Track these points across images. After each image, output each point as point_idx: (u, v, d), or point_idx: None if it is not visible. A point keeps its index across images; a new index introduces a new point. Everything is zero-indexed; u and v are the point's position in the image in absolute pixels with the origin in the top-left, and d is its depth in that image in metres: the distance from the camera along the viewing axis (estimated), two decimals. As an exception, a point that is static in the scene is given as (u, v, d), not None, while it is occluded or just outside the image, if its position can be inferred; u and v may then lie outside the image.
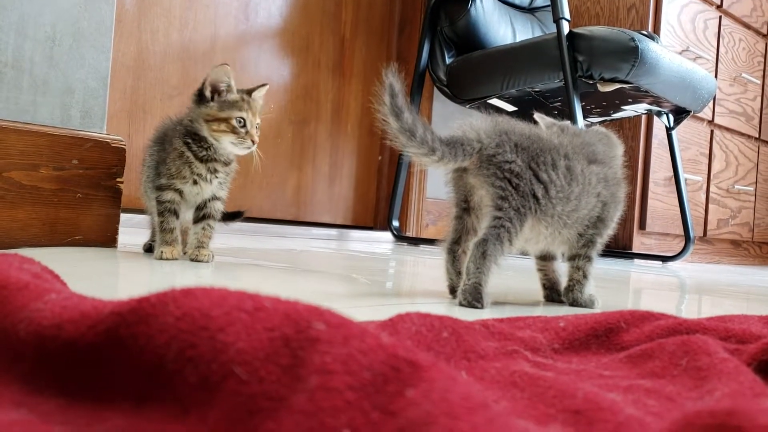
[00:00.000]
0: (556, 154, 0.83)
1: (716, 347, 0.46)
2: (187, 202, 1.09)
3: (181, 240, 1.09)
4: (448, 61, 2.24)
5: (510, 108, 2.24)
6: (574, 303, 0.88)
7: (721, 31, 2.86)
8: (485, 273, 0.77)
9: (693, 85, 2.06)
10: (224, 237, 1.57)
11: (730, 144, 2.99)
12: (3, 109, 1.07)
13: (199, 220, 1.09)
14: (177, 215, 1.08)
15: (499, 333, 0.52)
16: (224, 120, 1.05)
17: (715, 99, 2.82)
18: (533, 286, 1.00)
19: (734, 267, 2.88)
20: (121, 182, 1.16)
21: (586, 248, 0.88)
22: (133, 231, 1.36)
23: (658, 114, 2.28)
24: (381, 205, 2.57)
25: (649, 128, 2.57)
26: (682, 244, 2.43)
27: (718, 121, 2.89)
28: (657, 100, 2.09)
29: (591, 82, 1.89)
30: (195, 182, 1.07)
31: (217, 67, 1.06)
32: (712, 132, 2.88)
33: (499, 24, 2.30)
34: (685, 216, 2.36)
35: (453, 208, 0.86)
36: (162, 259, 1.04)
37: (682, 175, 2.37)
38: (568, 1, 1.92)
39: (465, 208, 0.85)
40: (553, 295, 0.92)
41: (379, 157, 2.58)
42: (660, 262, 2.43)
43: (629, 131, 2.57)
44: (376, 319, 0.51)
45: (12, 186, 1.04)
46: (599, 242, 0.89)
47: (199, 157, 1.07)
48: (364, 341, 0.30)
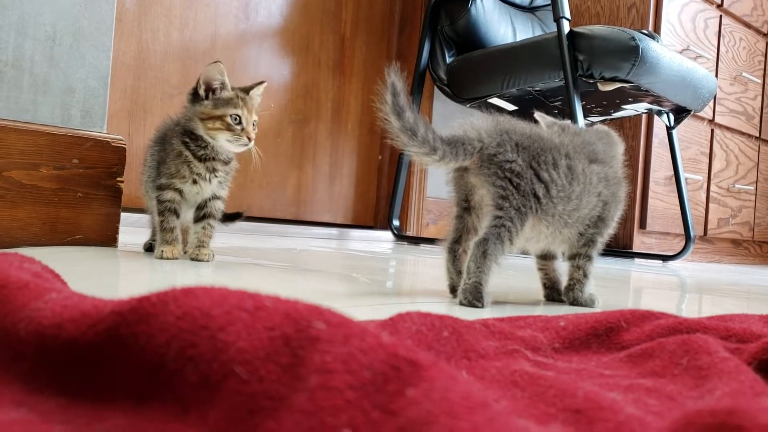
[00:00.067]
0: (557, 153, 0.83)
1: (717, 346, 0.46)
2: (187, 202, 1.09)
3: (181, 239, 1.09)
4: (449, 60, 2.24)
5: (510, 107, 2.24)
6: (575, 302, 0.88)
7: (722, 30, 2.86)
8: (486, 272, 0.77)
9: (693, 85, 2.05)
10: (225, 236, 1.57)
11: (730, 143, 2.99)
12: (3, 108, 1.07)
13: (200, 219, 1.09)
14: (177, 215, 1.08)
15: (499, 332, 0.52)
16: (219, 117, 1.05)
17: (715, 98, 2.82)
18: (534, 285, 0.99)
19: (735, 266, 2.88)
20: (122, 181, 1.16)
21: (586, 247, 0.88)
22: (134, 230, 1.36)
23: (659, 113, 2.27)
24: (381, 205, 2.57)
25: (649, 127, 2.57)
26: (683, 244, 2.43)
27: (718, 120, 2.89)
28: (657, 100, 2.09)
29: (591, 81, 1.89)
30: (195, 181, 1.07)
31: (210, 66, 1.06)
32: (712, 131, 2.88)
33: (500, 23, 2.30)
34: (685, 215, 2.36)
35: (454, 208, 0.86)
36: (162, 258, 1.04)
37: (682, 175, 2.37)
38: (569, 1, 1.92)
39: (466, 207, 0.85)
40: (554, 294, 0.92)
41: (380, 157, 2.58)
42: (660, 262, 2.43)
43: (630, 130, 2.57)
44: (376, 318, 0.51)
45: (12, 185, 1.04)
46: (600, 241, 0.89)
47: (197, 156, 1.07)
48: (364, 340, 0.30)
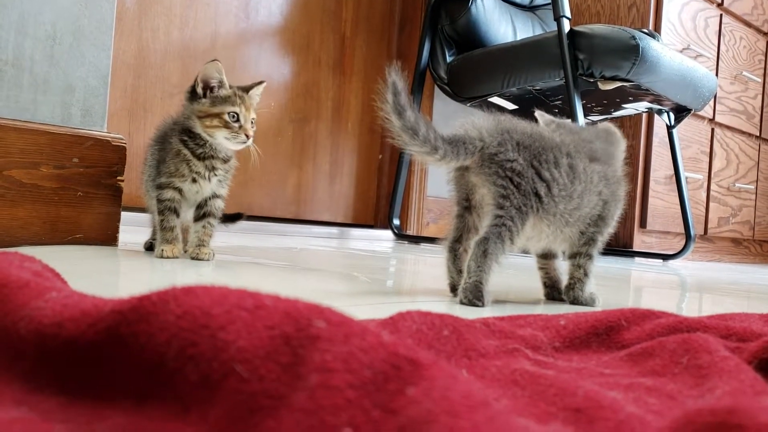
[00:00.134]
0: (558, 152, 0.83)
1: (717, 345, 0.46)
2: (187, 201, 1.09)
3: (181, 238, 1.09)
4: (449, 59, 2.24)
5: (511, 106, 2.23)
6: (575, 301, 0.88)
7: (722, 29, 2.86)
8: (486, 271, 0.77)
9: (694, 84, 2.05)
10: (225, 235, 1.57)
11: (730, 142, 2.99)
12: (3, 107, 1.07)
13: (200, 218, 1.09)
14: (177, 214, 1.08)
15: (499, 331, 0.52)
16: (216, 115, 1.05)
17: (715, 97, 2.82)
18: (534, 284, 0.99)
19: (735, 265, 2.88)
20: (122, 180, 1.16)
21: (587, 246, 0.88)
22: (134, 229, 1.36)
23: (659, 112, 2.27)
24: (381, 204, 2.57)
25: (649, 126, 2.56)
26: (683, 243, 2.43)
27: (718, 119, 2.89)
28: (658, 99, 2.08)
29: (592, 80, 1.89)
30: (194, 180, 1.07)
31: (208, 64, 1.06)
32: (712, 130, 2.88)
33: (500, 22, 2.30)
34: (685, 214, 2.36)
35: (454, 207, 0.86)
36: (163, 257, 1.04)
37: (682, 174, 2.37)
38: (569, 0, 1.92)
39: (466, 206, 0.85)
40: (554, 293, 0.92)
41: (380, 156, 2.58)
42: (661, 261, 2.43)
43: (630, 129, 2.57)
44: (376, 317, 0.51)
45: (12, 184, 1.04)
46: (600, 240, 0.89)
47: (196, 154, 1.07)
48: (364, 339, 0.30)
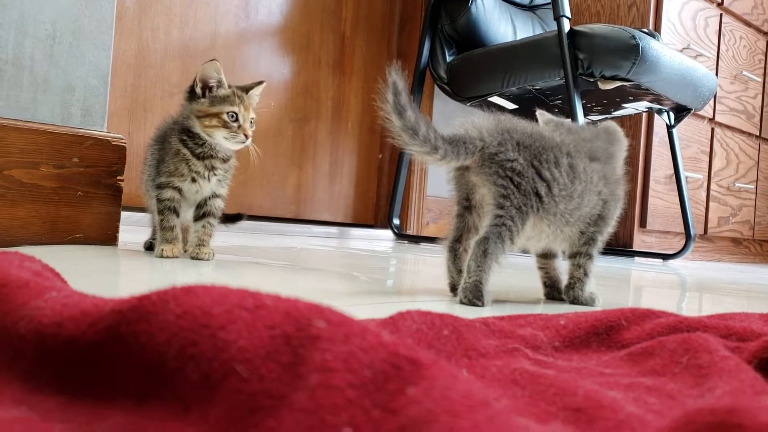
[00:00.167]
0: (559, 151, 0.83)
1: (717, 345, 0.46)
2: (187, 200, 1.09)
3: (181, 238, 1.09)
4: (449, 58, 2.24)
5: (511, 106, 2.23)
6: (575, 301, 0.88)
7: (722, 28, 2.86)
8: (486, 271, 0.77)
9: (694, 83, 2.05)
10: (225, 235, 1.57)
11: (730, 142, 2.99)
12: (3, 107, 1.07)
13: (200, 218, 1.09)
14: (177, 213, 1.08)
15: (499, 331, 0.52)
16: (215, 115, 1.05)
17: (715, 97, 2.82)
18: (534, 284, 0.99)
19: (735, 265, 2.88)
20: (122, 180, 1.16)
21: (587, 246, 0.88)
22: (134, 229, 1.36)
23: (659, 112, 2.27)
24: (381, 203, 2.57)
25: (649, 126, 2.56)
26: (683, 242, 2.43)
27: (718, 119, 2.89)
28: (658, 98, 2.08)
29: (592, 80, 1.89)
30: (194, 180, 1.07)
31: (207, 64, 1.06)
32: (712, 130, 2.88)
33: (500, 22, 2.30)
34: (685, 214, 2.36)
35: (454, 206, 0.86)
36: (162, 257, 1.04)
37: (682, 173, 2.37)
38: (569, 0, 1.92)
39: (466, 206, 0.85)
40: (554, 293, 0.92)
41: (380, 155, 2.58)
42: (661, 260, 2.43)
43: (630, 129, 2.57)
44: (376, 317, 0.51)
45: (12, 184, 1.04)
46: (600, 240, 0.89)
47: (195, 154, 1.07)
48: (364, 339, 0.30)
